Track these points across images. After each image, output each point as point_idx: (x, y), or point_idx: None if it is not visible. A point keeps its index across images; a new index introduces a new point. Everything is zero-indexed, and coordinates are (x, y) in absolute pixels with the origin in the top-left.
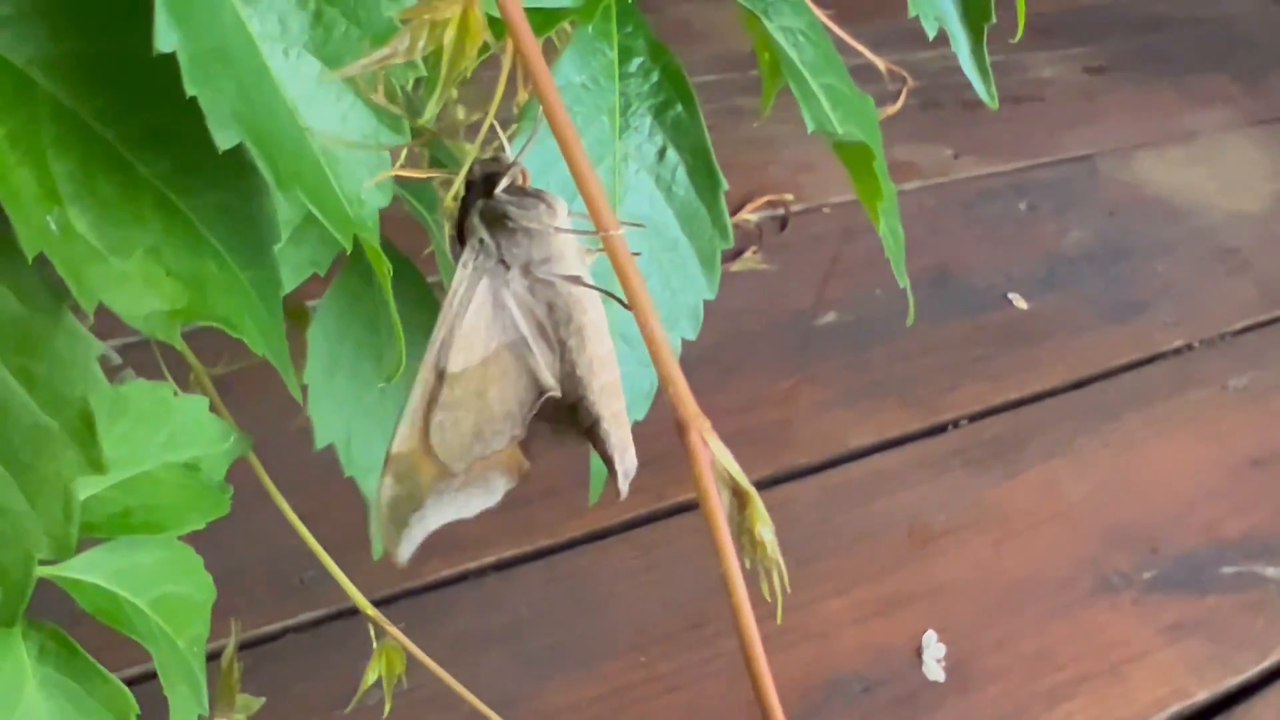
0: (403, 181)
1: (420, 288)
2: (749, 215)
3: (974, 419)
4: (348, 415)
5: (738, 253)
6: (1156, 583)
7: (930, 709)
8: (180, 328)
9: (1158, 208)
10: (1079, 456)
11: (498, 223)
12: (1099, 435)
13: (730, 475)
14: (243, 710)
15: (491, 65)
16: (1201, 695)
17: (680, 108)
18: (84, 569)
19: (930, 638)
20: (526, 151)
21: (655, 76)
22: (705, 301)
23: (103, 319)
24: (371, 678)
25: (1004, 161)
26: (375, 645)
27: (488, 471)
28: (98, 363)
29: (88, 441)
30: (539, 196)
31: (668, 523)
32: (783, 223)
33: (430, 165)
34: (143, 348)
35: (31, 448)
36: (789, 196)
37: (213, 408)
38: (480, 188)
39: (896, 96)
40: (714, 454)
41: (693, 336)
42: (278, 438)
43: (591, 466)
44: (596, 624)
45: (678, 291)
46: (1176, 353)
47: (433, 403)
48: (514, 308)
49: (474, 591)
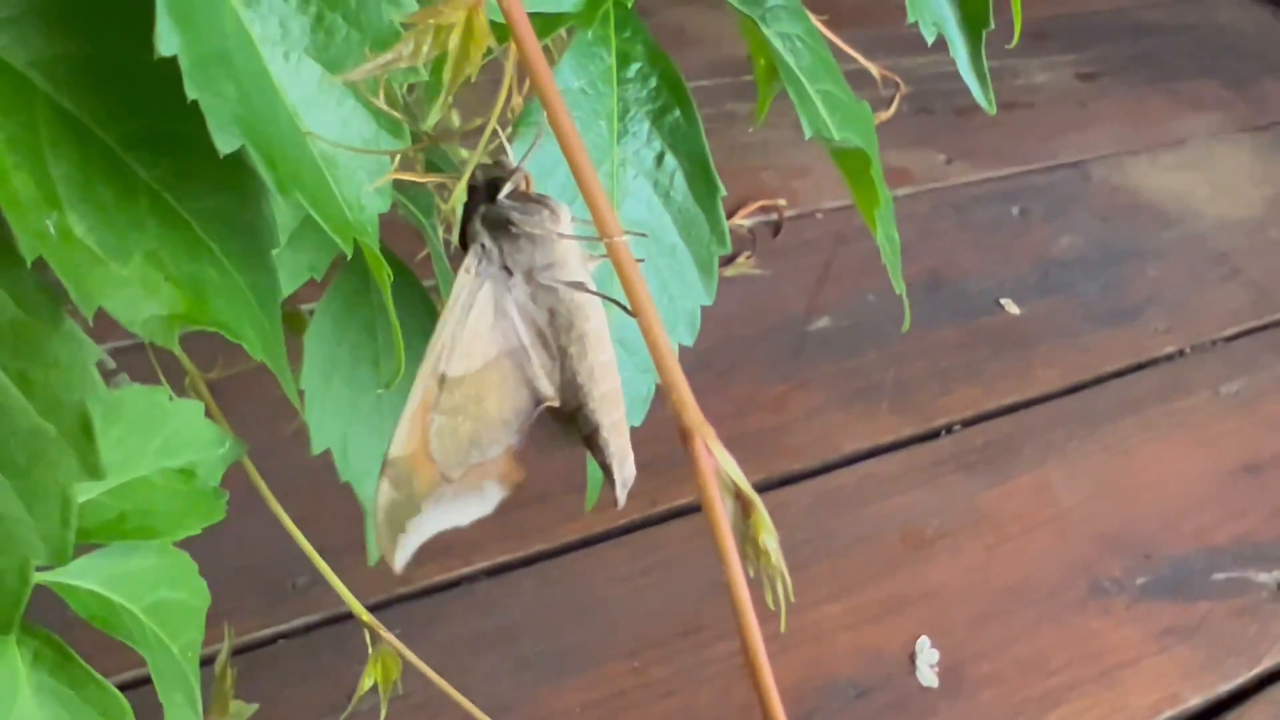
0: (399, 185)
1: (417, 292)
2: (742, 220)
3: (967, 424)
4: (344, 420)
5: (731, 258)
6: (1149, 588)
7: (924, 714)
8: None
9: (1149, 213)
10: (1072, 462)
11: (500, 228)
12: (1091, 441)
13: (734, 483)
14: (236, 716)
15: (486, 70)
16: (1194, 701)
17: (678, 113)
18: (79, 575)
19: (924, 643)
20: (528, 157)
21: (654, 82)
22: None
23: (96, 322)
24: (367, 684)
25: (996, 167)
26: (371, 651)
27: (483, 480)
28: (96, 367)
29: (86, 447)
30: (542, 202)
31: (661, 528)
32: (776, 228)
33: (426, 169)
34: (136, 351)
35: (29, 453)
36: (782, 202)
37: (208, 413)
38: (483, 193)
39: (889, 102)
40: (718, 461)
41: (690, 342)
42: (270, 442)
43: (588, 473)
44: (590, 629)
45: (675, 297)
46: (1169, 358)
47: (431, 407)
48: (515, 314)
49: (467, 597)
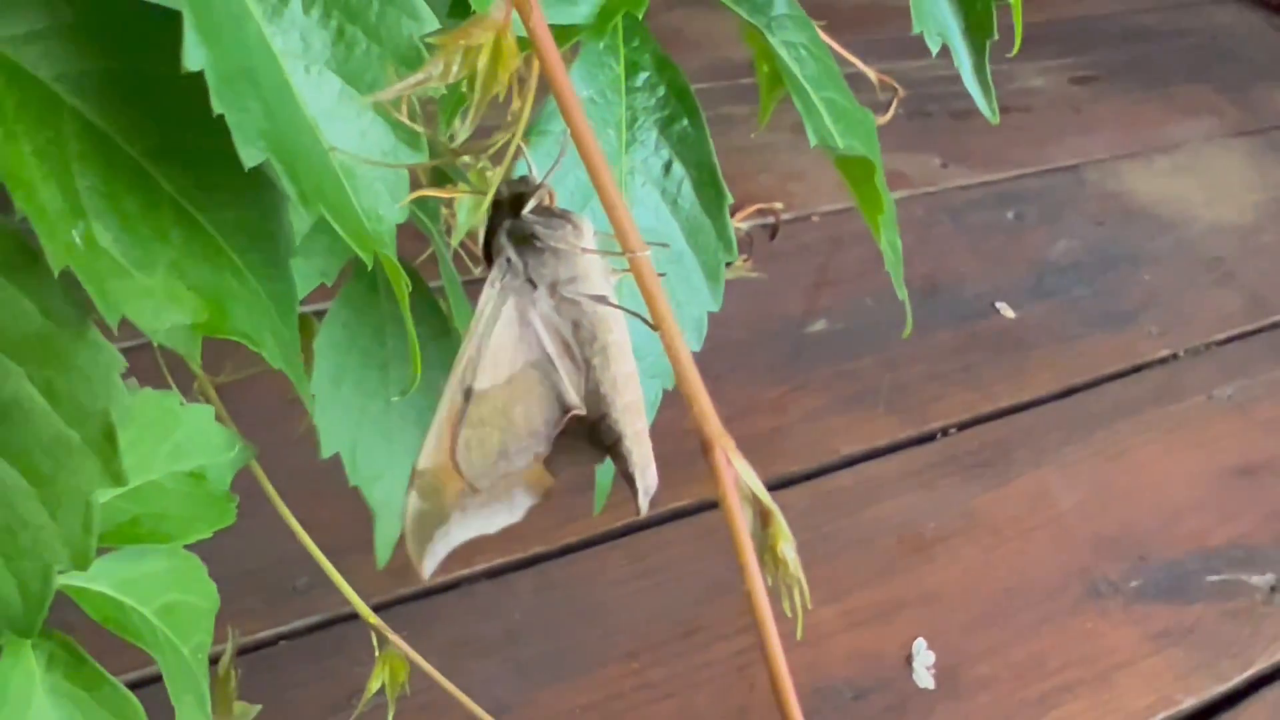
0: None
1: (426, 297)
2: (739, 224)
3: (963, 427)
4: (353, 425)
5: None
6: (1144, 591)
7: (921, 716)
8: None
9: (1144, 218)
10: (1067, 465)
11: (525, 242)
12: (1087, 444)
13: (754, 493)
14: (240, 718)
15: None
16: (1188, 703)
17: (686, 122)
18: (91, 578)
19: (920, 645)
20: (543, 168)
21: (661, 91)
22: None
23: (98, 322)
24: (375, 686)
25: (992, 171)
26: (378, 653)
27: (512, 488)
28: (120, 375)
29: (109, 454)
30: (565, 217)
31: (660, 530)
32: (773, 231)
33: (434, 177)
34: (142, 351)
35: (53, 460)
36: (779, 205)
37: (217, 416)
38: (507, 208)
39: (886, 106)
40: (738, 472)
41: (697, 348)
42: (271, 444)
43: (597, 478)
44: (589, 631)
45: (682, 304)
46: (1163, 362)
47: (459, 420)
48: (540, 327)
49: (467, 599)
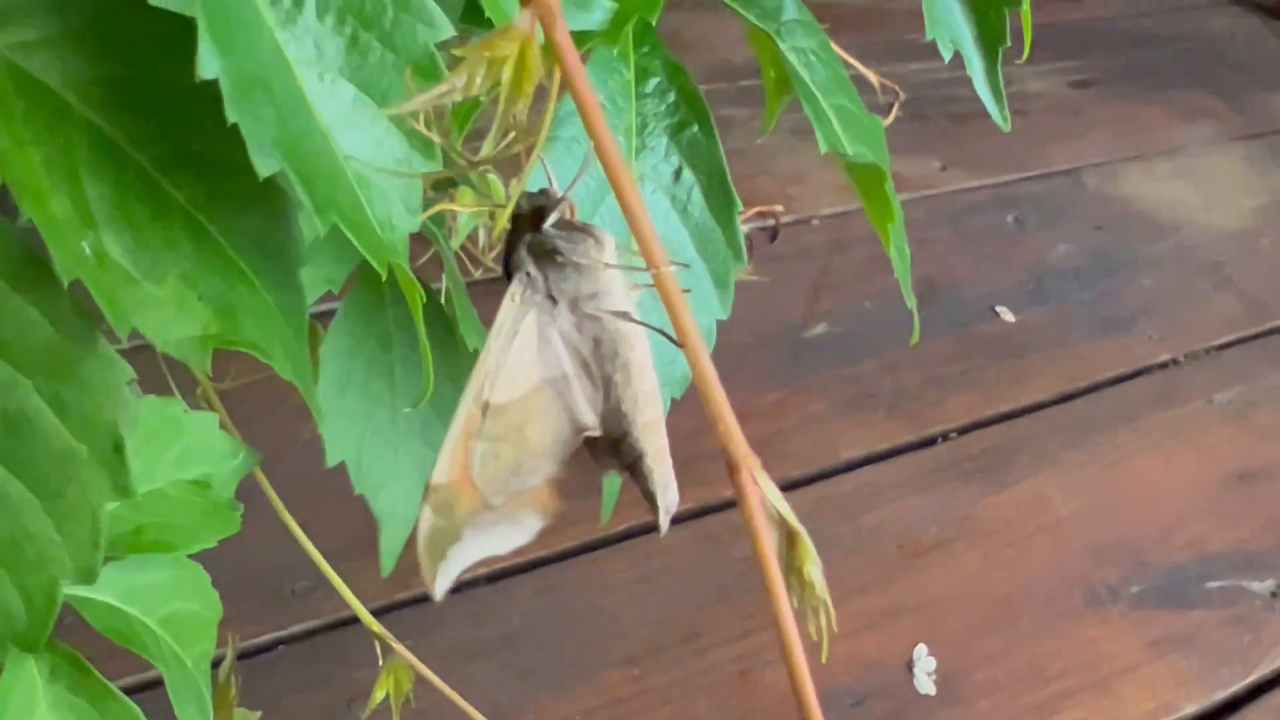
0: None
1: (434, 303)
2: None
3: (963, 432)
4: (359, 433)
5: None
6: (1144, 597)
7: None
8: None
9: (1143, 222)
10: (1067, 470)
11: (546, 257)
12: (1086, 449)
13: (780, 514)
14: None
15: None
16: (1189, 709)
17: (696, 128)
18: (95, 587)
19: (921, 651)
20: (555, 173)
21: (672, 97)
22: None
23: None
24: (380, 696)
25: (991, 174)
26: (381, 662)
27: (523, 508)
28: (128, 387)
29: (117, 467)
30: (587, 231)
31: (660, 535)
32: (773, 234)
33: (440, 180)
34: (143, 352)
35: (61, 473)
36: (779, 208)
37: (220, 423)
38: (528, 221)
39: (886, 108)
40: (764, 493)
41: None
42: (269, 447)
43: (604, 486)
44: (589, 636)
45: (692, 312)
46: (1162, 367)
47: (475, 434)
48: (559, 343)
49: (466, 603)
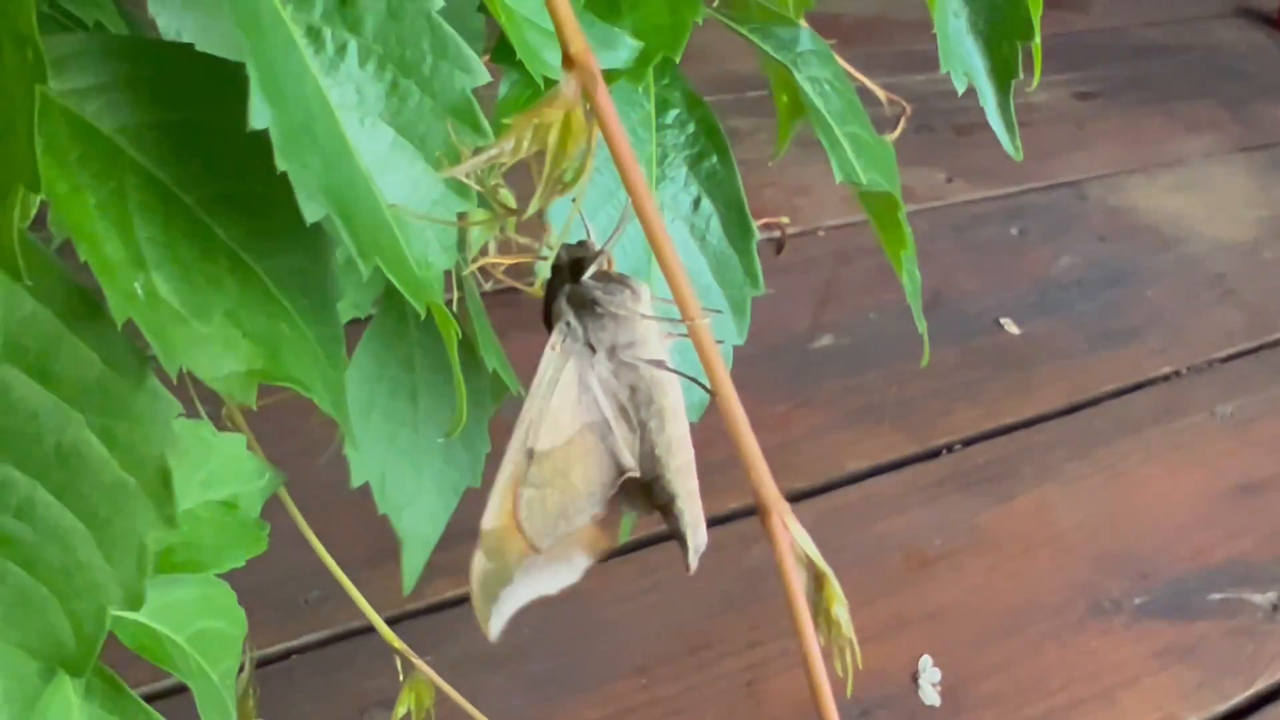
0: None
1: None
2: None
3: (967, 444)
4: (382, 454)
5: None
6: (1147, 608)
7: None
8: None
9: (1146, 234)
10: (1070, 482)
11: (585, 307)
12: (1090, 461)
13: (809, 557)
14: None
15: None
16: None
17: (715, 159)
18: None
19: (926, 662)
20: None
21: (691, 128)
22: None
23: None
24: (401, 711)
25: (996, 186)
26: (401, 672)
27: (571, 548)
28: (175, 421)
29: (163, 497)
30: (624, 282)
31: (671, 545)
32: (779, 246)
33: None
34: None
35: (110, 504)
36: (785, 219)
37: (247, 443)
38: (567, 272)
39: (892, 121)
40: (794, 537)
41: None
42: (283, 458)
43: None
44: (599, 646)
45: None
46: (1165, 379)
47: (521, 480)
48: (598, 389)
49: None
